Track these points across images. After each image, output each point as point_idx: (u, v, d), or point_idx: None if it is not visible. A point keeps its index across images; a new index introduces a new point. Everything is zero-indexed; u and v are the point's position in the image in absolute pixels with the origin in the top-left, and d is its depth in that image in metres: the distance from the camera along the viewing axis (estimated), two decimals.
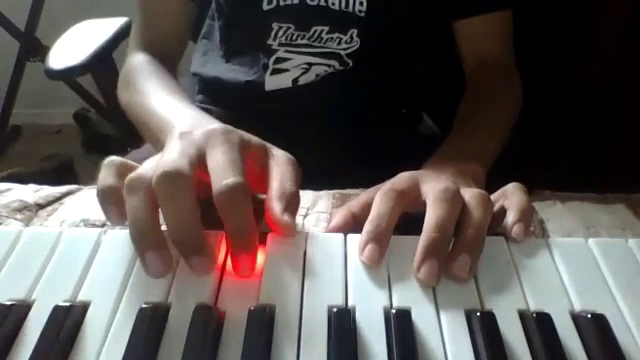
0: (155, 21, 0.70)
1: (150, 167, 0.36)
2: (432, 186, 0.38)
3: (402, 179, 0.39)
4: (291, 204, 0.37)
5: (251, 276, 0.34)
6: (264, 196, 0.37)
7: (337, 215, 0.40)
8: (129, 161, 0.39)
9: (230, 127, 0.39)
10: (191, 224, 0.33)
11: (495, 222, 0.39)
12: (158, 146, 0.52)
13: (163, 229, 0.34)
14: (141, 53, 0.69)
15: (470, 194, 0.38)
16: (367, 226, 0.36)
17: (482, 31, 0.68)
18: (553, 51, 0.83)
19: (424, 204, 0.37)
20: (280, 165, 0.39)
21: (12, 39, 1.77)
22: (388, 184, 0.39)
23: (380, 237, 0.36)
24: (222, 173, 0.34)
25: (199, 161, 0.36)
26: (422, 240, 0.35)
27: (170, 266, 0.34)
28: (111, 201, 0.36)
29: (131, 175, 0.35)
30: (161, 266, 0.33)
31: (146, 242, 0.33)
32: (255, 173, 0.39)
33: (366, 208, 0.38)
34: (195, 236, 0.34)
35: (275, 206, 0.36)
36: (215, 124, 0.40)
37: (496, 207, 0.40)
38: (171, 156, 0.35)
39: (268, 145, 0.41)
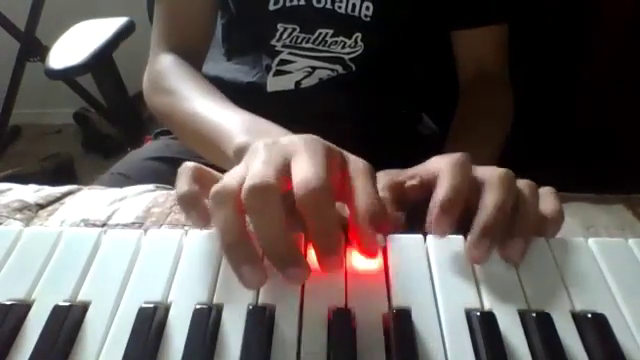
0: (181, 22, 0.68)
1: (235, 178, 0.35)
2: (489, 171, 0.37)
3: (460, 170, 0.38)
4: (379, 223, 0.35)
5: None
6: None
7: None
8: (203, 166, 0.38)
9: (313, 135, 0.38)
10: (283, 236, 0.33)
11: None
12: (209, 154, 0.53)
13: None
14: (168, 54, 0.67)
15: (524, 183, 0.38)
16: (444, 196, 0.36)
17: (480, 42, 0.69)
18: (553, 51, 0.83)
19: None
20: (361, 176, 0.37)
21: (12, 39, 1.77)
22: (455, 159, 0.38)
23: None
24: (304, 179, 0.33)
25: (286, 170, 0.35)
26: (482, 218, 0.35)
27: (265, 276, 0.33)
28: (192, 207, 0.36)
29: (217, 187, 0.34)
30: (258, 279, 0.33)
31: (241, 255, 0.33)
32: (336, 181, 0.37)
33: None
34: (289, 248, 0.33)
35: (366, 226, 0.34)
36: (279, 130, 0.43)
37: None
38: (258, 167, 0.34)
39: (344, 152, 0.39)
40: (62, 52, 0.96)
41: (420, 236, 0.37)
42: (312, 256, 0.34)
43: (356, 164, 0.37)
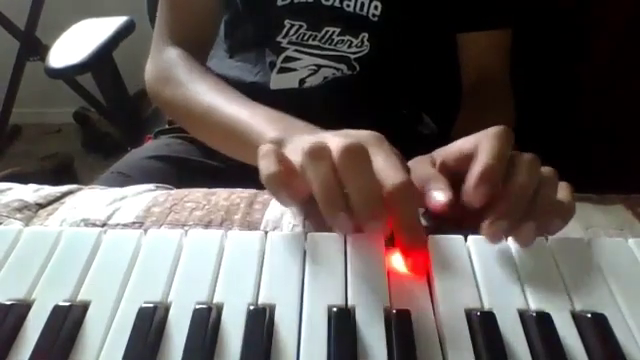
0: (186, 16, 0.68)
1: (325, 140, 0.37)
2: (516, 154, 0.39)
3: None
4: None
5: (424, 272, 0.35)
6: None
7: (438, 182, 0.40)
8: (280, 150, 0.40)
9: (380, 135, 0.41)
10: (377, 190, 0.35)
11: None
12: (233, 147, 0.54)
13: None
14: (174, 48, 0.66)
15: (545, 170, 0.39)
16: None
17: (484, 46, 0.69)
18: (553, 52, 0.83)
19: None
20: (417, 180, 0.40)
21: (12, 38, 1.76)
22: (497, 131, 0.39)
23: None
24: (392, 172, 0.36)
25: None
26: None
27: (353, 227, 0.36)
28: (280, 186, 0.37)
29: (313, 144, 0.36)
30: (350, 225, 0.35)
31: (338, 204, 0.35)
32: None
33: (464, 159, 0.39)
34: (379, 202, 0.35)
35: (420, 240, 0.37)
36: (307, 126, 0.46)
37: None
38: (341, 139, 0.37)
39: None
40: (62, 51, 0.96)
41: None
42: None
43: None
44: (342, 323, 0.31)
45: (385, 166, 0.36)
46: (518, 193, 0.36)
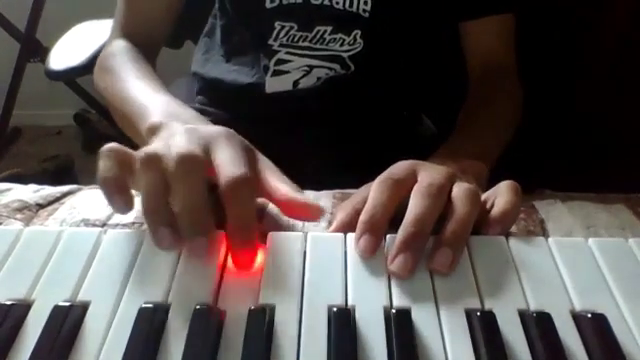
0: (139, 10, 0.70)
1: (161, 147, 0.36)
2: (422, 179, 0.38)
3: (399, 168, 0.39)
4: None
5: (250, 270, 0.35)
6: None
7: (340, 212, 0.40)
8: (127, 148, 0.39)
9: (230, 129, 0.40)
10: (202, 205, 0.35)
11: (483, 219, 0.39)
12: (130, 131, 0.55)
13: None
14: (121, 40, 0.69)
15: (458, 189, 0.38)
16: (362, 217, 0.37)
17: (487, 33, 0.69)
18: (553, 51, 0.83)
19: None
20: (271, 168, 0.41)
21: (12, 40, 1.76)
22: (385, 173, 0.39)
23: (375, 227, 0.36)
24: (230, 166, 0.35)
25: (207, 155, 0.37)
26: (399, 233, 0.35)
27: (178, 242, 0.35)
28: (115, 190, 0.37)
29: (148, 151, 0.36)
30: (173, 241, 0.35)
31: (160, 217, 0.35)
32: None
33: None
34: (204, 217, 0.35)
35: (299, 195, 0.38)
36: (192, 114, 0.44)
37: (488, 205, 0.40)
38: (183, 142, 0.36)
39: (256, 150, 0.42)
40: (62, 53, 0.97)
41: None
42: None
43: (266, 162, 0.41)
44: (342, 323, 0.31)
45: (224, 161, 0.36)
46: (410, 225, 0.35)
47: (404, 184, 0.38)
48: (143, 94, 0.54)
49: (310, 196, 0.46)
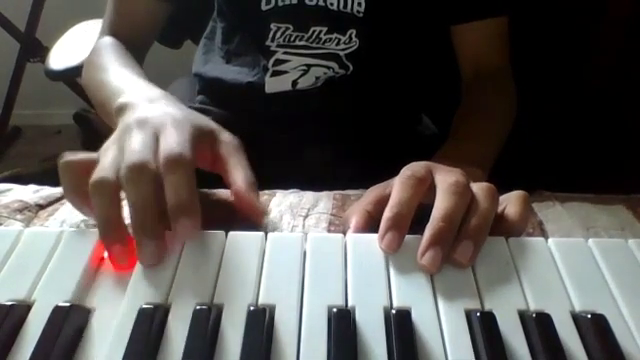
0: (124, 13, 0.72)
1: (110, 161, 0.38)
2: (444, 178, 0.38)
3: (419, 167, 0.40)
4: (257, 193, 0.41)
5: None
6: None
7: (355, 215, 0.40)
8: (83, 157, 0.40)
9: (180, 114, 0.43)
10: (151, 208, 0.36)
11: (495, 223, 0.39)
12: (108, 118, 0.56)
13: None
14: (108, 37, 0.70)
15: (479, 186, 0.39)
16: (387, 213, 0.37)
17: (480, 36, 0.69)
18: (554, 51, 0.83)
19: (435, 194, 0.38)
20: (233, 153, 0.43)
21: (12, 40, 1.77)
22: (407, 171, 0.39)
23: (401, 224, 0.36)
24: (170, 147, 0.38)
25: (157, 146, 0.39)
26: (429, 228, 0.36)
27: (132, 260, 0.35)
28: (80, 204, 0.39)
29: (95, 178, 0.37)
30: (125, 258, 0.35)
31: (116, 237, 0.36)
32: (205, 156, 0.43)
33: (381, 203, 0.39)
34: (153, 221, 0.36)
35: (251, 195, 0.40)
36: (165, 106, 0.45)
37: (499, 209, 0.40)
38: (133, 146, 0.38)
39: (215, 128, 0.44)
40: (62, 53, 0.96)
41: (418, 236, 0.37)
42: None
43: (228, 144, 0.43)
44: (342, 323, 0.31)
45: (166, 143, 0.38)
46: (444, 217, 0.36)
47: (425, 183, 0.38)
48: (118, 79, 0.57)
49: (310, 197, 0.46)
